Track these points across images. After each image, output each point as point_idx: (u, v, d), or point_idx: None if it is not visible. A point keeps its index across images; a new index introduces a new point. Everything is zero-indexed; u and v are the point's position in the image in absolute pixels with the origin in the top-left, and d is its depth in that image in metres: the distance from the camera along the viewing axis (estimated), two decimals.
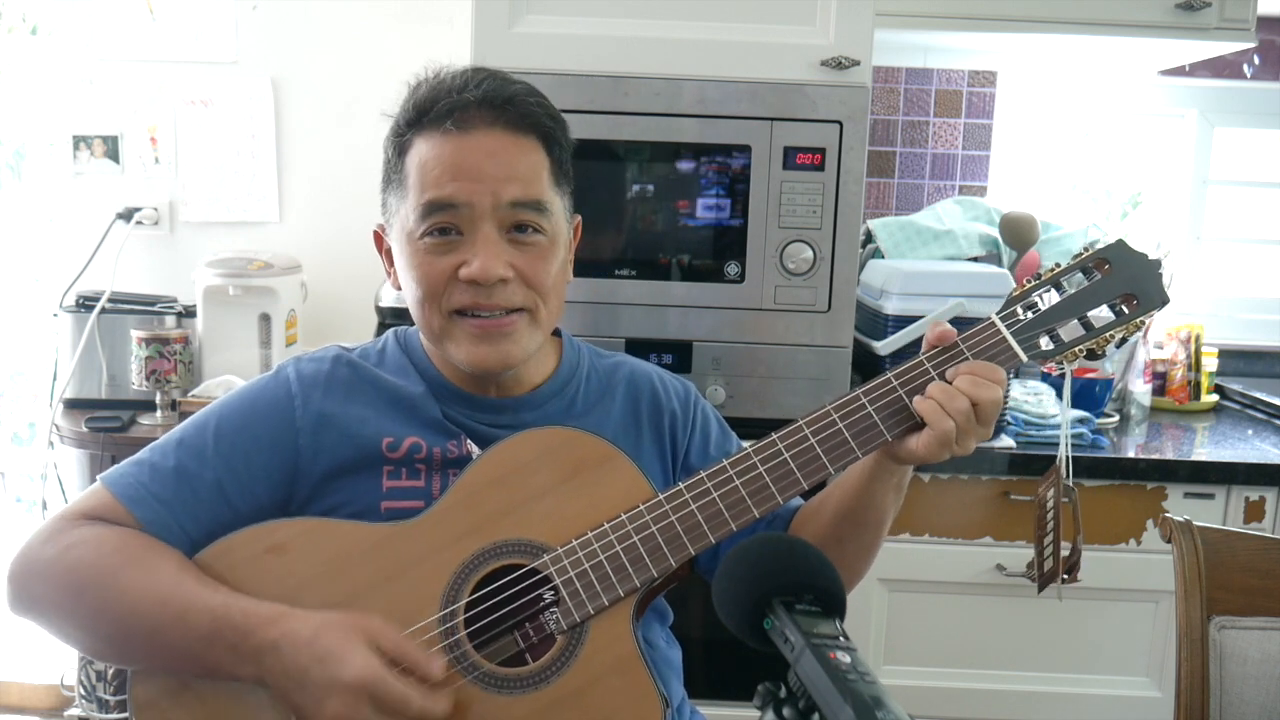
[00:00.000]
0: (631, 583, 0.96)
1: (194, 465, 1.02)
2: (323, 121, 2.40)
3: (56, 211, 2.45)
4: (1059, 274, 1.02)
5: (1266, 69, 2.56)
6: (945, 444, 0.95)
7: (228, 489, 1.02)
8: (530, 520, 0.98)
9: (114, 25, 2.34)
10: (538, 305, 1.04)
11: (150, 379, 2.08)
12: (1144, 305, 1.01)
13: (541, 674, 0.95)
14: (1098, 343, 1.00)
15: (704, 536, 0.97)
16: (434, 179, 0.99)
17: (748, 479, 0.98)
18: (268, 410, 1.05)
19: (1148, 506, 1.90)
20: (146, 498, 1.00)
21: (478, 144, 0.99)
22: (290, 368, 1.09)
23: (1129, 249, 1.02)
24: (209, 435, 1.04)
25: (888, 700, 0.64)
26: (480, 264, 0.98)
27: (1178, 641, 1.26)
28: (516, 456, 1.01)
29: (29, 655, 2.64)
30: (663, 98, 1.78)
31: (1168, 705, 1.36)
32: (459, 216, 1.00)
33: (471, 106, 0.99)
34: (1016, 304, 1.01)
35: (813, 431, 0.98)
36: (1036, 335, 1.00)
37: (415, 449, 1.05)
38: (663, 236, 1.82)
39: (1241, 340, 2.60)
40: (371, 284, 2.17)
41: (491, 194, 0.99)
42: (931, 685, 1.96)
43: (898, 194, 2.55)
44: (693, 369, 1.82)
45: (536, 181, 1.01)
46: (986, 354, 0.99)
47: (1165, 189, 2.66)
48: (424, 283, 1.02)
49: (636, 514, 0.97)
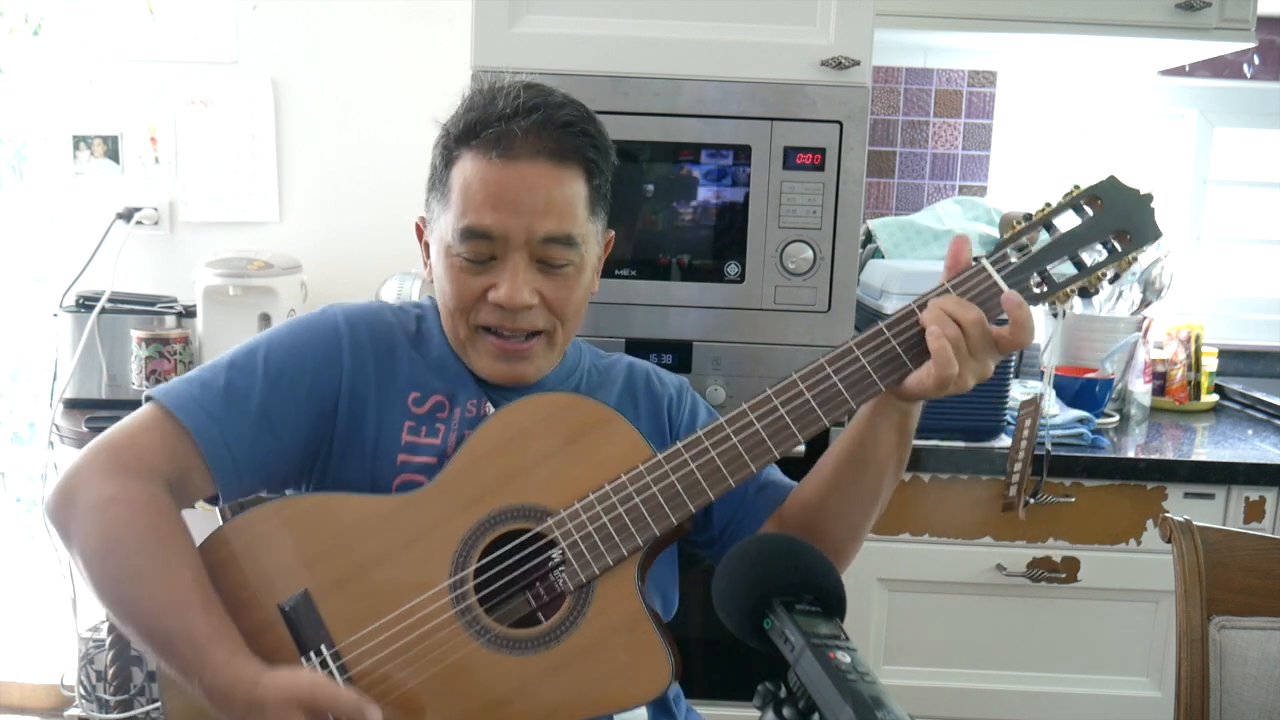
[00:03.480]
0: (634, 541, 0.98)
1: (243, 386, 1.06)
2: (323, 121, 2.40)
3: (57, 211, 2.45)
4: (1050, 214, 1.00)
5: (1266, 69, 2.56)
6: (945, 366, 0.94)
7: (271, 413, 1.06)
8: (533, 485, 1.01)
9: (114, 25, 2.34)
10: (556, 328, 1.10)
11: (150, 379, 2.08)
12: (1136, 240, 0.99)
13: (550, 634, 0.98)
14: (1090, 281, 0.99)
15: (703, 493, 0.99)
16: (475, 205, 1.04)
17: (745, 435, 0.99)
18: (317, 344, 1.10)
19: (1148, 506, 1.90)
20: (197, 410, 1.03)
21: (520, 175, 1.03)
22: (338, 310, 1.13)
23: (1121, 185, 1.00)
24: (259, 359, 1.08)
25: (888, 700, 0.64)
26: (507, 291, 1.04)
27: (1178, 641, 1.26)
28: (518, 423, 1.04)
29: (29, 655, 2.64)
30: (663, 98, 1.78)
31: (1168, 705, 1.36)
32: (494, 244, 1.05)
33: (518, 136, 1.03)
34: (1007, 246, 1.00)
35: (807, 385, 0.99)
36: (1027, 277, 0.99)
37: (439, 407, 1.10)
38: (663, 236, 1.82)
39: (1241, 340, 2.60)
40: (371, 284, 2.17)
41: (526, 228, 1.03)
42: (931, 685, 1.96)
43: (898, 194, 2.55)
44: (693, 369, 1.82)
45: (570, 215, 1.05)
46: (976, 299, 0.98)
47: (1165, 189, 2.66)
48: (456, 297, 1.08)
49: (636, 474, 1.00)
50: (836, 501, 1.08)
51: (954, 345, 0.94)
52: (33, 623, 2.67)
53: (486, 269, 1.06)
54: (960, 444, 1.90)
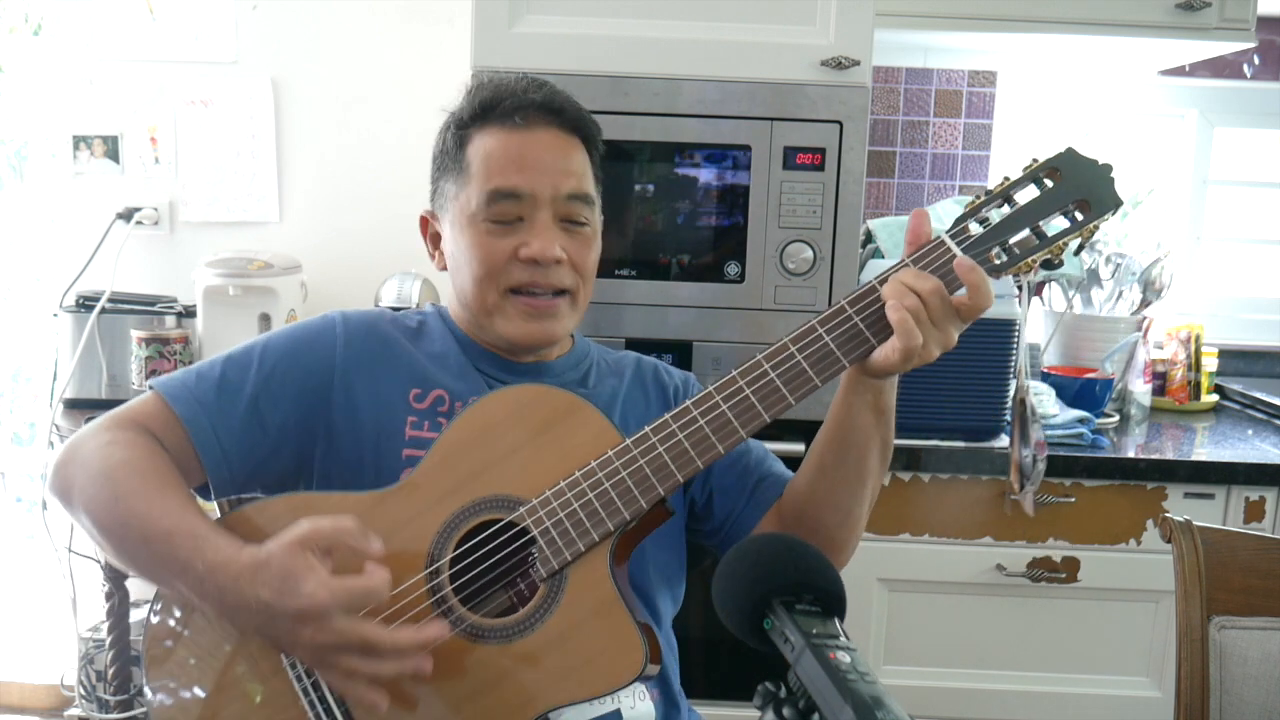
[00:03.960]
0: (605, 526, 0.99)
1: (237, 379, 1.10)
2: (323, 121, 2.40)
3: (57, 211, 2.45)
4: (1008, 186, 1.01)
5: (1266, 69, 2.56)
6: (907, 337, 0.95)
7: (261, 406, 1.09)
8: (505, 475, 1.02)
9: (114, 25, 2.35)
10: (579, 288, 1.14)
11: (150, 379, 2.08)
12: (1097, 209, 1.00)
13: (525, 622, 0.98)
14: (1053, 251, 0.99)
15: (671, 475, 1.00)
16: (499, 168, 1.09)
17: (711, 416, 1.00)
18: (312, 343, 1.14)
19: (1148, 506, 1.90)
20: (190, 399, 1.08)
21: (539, 139, 1.10)
22: (338, 314, 1.17)
23: (1078, 155, 1.01)
24: (255, 354, 1.12)
25: (888, 700, 0.64)
26: (540, 245, 1.09)
27: (1178, 641, 1.26)
28: (489, 416, 1.05)
29: (29, 655, 2.64)
30: (663, 98, 1.78)
31: (1168, 705, 1.36)
32: (521, 204, 1.10)
33: (533, 107, 1.11)
34: (968, 219, 1.00)
35: (772, 365, 1.00)
36: (988, 249, 0.99)
37: (439, 401, 1.12)
38: (663, 236, 1.82)
39: (1241, 340, 2.60)
40: (371, 284, 2.17)
41: (551, 185, 1.10)
42: (931, 685, 1.96)
43: (898, 194, 2.55)
44: (693, 369, 1.82)
45: (585, 177, 1.13)
46: (936, 272, 0.98)
47: (1165, 189, 2.66)
48: (486, 261, 1.11)
49: (606, 460, 1.00)
50: (825, 488, 1.09)
51: (914, 315, 0.95)
52: (33, 623, 2.67)
53: (514, 230, 1.10)
54: (960, 444, 1.90)
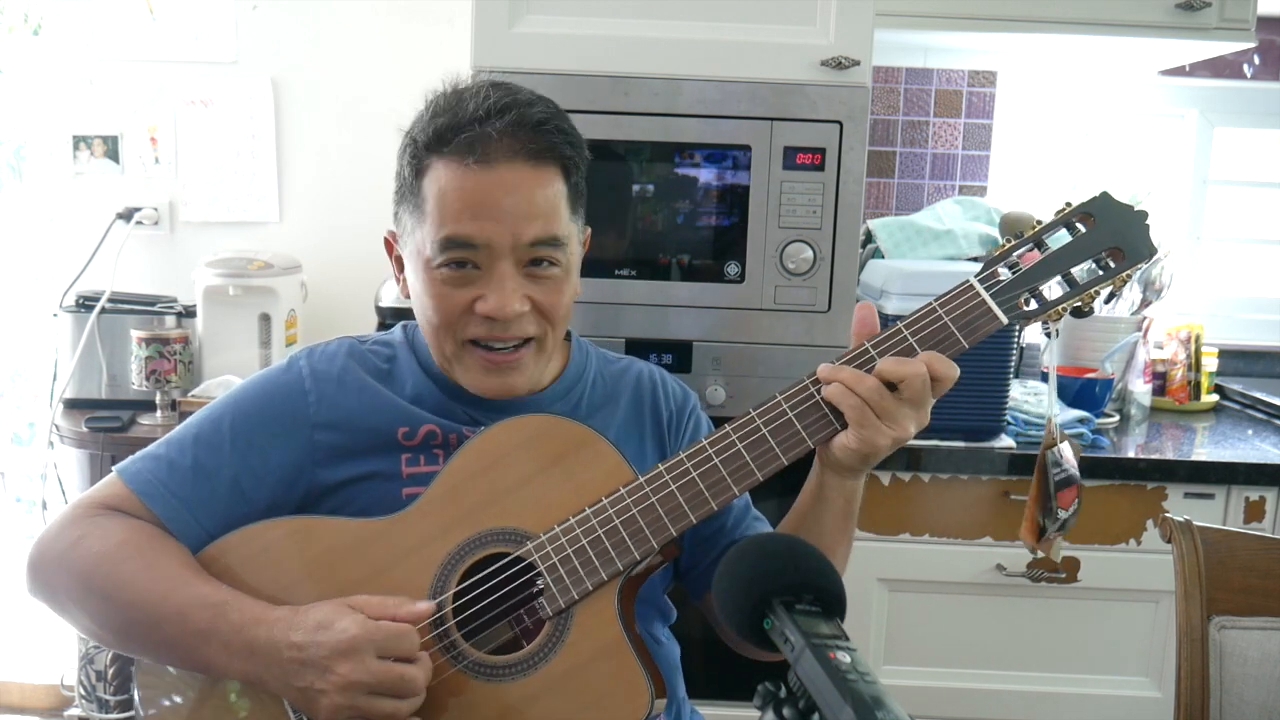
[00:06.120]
0: (614, 566, 0.96)
1: (211, 463, 1.04)
2: (323, 121, 2.40)
3: (56, 211, 2.45)
4: (1040, 231, 0.97)
5: (1266, 69, 2.56)
6: (861, 425, 0.93)
7: (244, 485, 1.04)
8: (513, 508, 0.99)
9: (114, 25, 2.34)
10: (547, 333, 1.05)
11: (150, 379, 2.08)
12: (1131, 259, 0.96)
13: (529, 660, 0.96)
14: (1084, 299, 0.97)
15: (685, 516, 0.96)
16: (454, 214, 0.99)
17: (727, 457, 0.97)
18: (282, 404, 1.07)
19: (1148, 506, 1.90)
20: (165, 495, 1.02)
21: (499, 180, 0.98)
22: (303, 360, 1.09)
23: (1114, 201, 0.97)
24: (225, 430, 1.05)
25: (888, 700, 0.64)
26: (497, 301, 0.99)
27: (1178, 641, 1.26)
28: (498, 445, 1.01)
29: (29, 655, 2.64)
30: (663, 98, 1.78)
31: (1168, 705, 1.36)
32: (477, 254, 1.00)
33: (493, 139, 0.98)
34: (997, 264, 0.97)
35: (790, 406, 0.97)
36: (1018, 295, 0.96)
37: (431, 436, 1.07)
38: (663, 236, 1.82)
39: (1241, 340, 2.60)
40: (371, 284, 2.17)
41: (511, 234, 0.99)
42: (931, 685, 1.96)
43: (898, 194, 2.54)
44: (693, 369, 1.82)
45: (554, 216, 1.01)
46: (965, 318, 0.95)
47: (1165, 189, 2.66)
48: (440, 311, 1.02)
49: (617, 497, 0.97)
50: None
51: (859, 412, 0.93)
52: (33, 623, 2.67)
53: (471, 279, 1.00)
54: (960, 444, 1.90)
